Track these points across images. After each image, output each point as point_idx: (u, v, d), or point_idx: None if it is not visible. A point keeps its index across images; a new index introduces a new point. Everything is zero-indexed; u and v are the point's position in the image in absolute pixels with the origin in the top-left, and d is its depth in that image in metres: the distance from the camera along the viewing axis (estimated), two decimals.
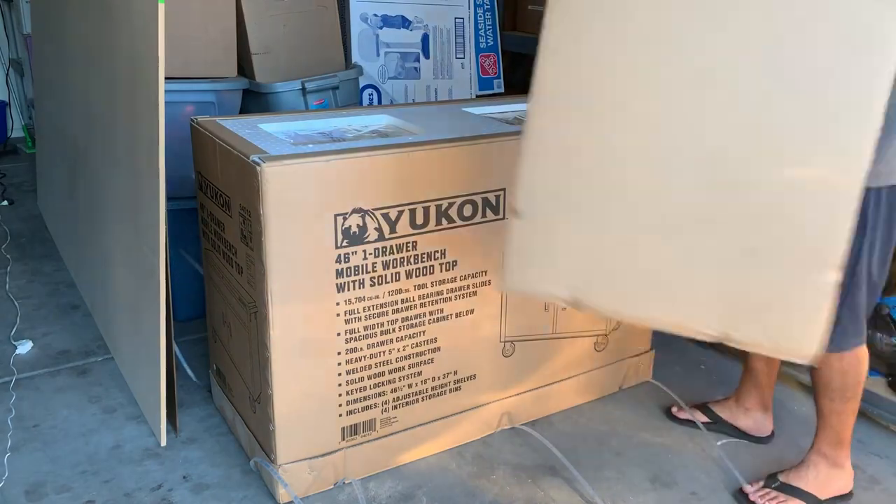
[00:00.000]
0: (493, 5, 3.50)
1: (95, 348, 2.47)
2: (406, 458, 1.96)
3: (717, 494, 1.90)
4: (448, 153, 1.79)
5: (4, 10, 4.62)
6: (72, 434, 2.04)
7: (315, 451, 1.82)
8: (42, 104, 3.48)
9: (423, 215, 1.78)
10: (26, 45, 4.05)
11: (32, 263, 3.10)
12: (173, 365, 1.95)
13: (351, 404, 1.83)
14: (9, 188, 3.99)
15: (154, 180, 1.80)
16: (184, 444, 2.02)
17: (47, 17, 3.07)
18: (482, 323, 1.96)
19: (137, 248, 2.01)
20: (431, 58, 3.31)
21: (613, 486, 1.91)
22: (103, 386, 2.27)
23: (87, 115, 2.47)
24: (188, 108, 2.45)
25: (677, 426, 2.16)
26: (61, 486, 1.85)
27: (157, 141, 1.76)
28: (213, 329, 2.12)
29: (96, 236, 2.48)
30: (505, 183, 1.87)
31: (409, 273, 1.80)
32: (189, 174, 2.07)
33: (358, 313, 1.76)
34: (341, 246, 1.70)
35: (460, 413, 2.01)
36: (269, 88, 2.54)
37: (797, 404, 2.29)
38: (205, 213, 2.00)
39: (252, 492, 1.85)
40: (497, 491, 1.89)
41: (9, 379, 2.28)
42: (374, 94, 3.19)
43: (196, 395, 2.24)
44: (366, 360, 1.81)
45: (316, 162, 1.63)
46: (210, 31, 2.50)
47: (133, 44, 1.91)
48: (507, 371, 2.06)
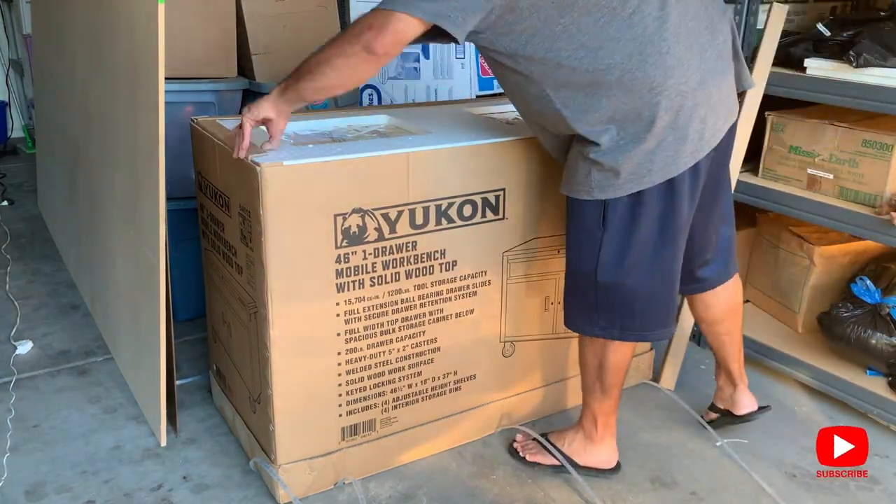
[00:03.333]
0: None
1: (95, 348, 2.47)
2: (406, 458, 1.96)
3: (717, 494, 1.90)
4: (448, 153, 1.79)
5: (4, 10, 4.62)
6: (72, 434, 2.04)
7: (315, 451, 1.82)
8: (42, 104, 3.48)
9: (422, 215, 1.78)
10: (26, 45, 4.06)
11: (32, 263, 3.10)
12: (173, 365, 1.95)
13: (351, 404, 1.83)
14: (9, 188, 4.00)
15: (154, 180, 1.80)
16: (184, 444, 2.02)
17: (47, 18, 3.07)
18: (482, 323, 1.96)
19: (137, 248, 2.01)
20: (431, 58, 3.31)
21: (613, 486, 1.91)
22: (103, 386, 2.27)
23: (87, 116, 2.47)
24: (188, 108, 2.45)
25: (677, 426, 2.16)
26: (61, 486, 1.85)
27: (157, 141, 1.76)
28: (213, 329, 2.12)
29: (96, 236, 2.48)
30: (505, 183, 1.87)
31: (409, 273, 1.80)
32: (189, 174, 2.07)
33: (358, 313, 1.76)
34: (341, 246, 1.70)
35: (460, 413, 2.01)
36: (269, 88, 2.53)
37: (798, 405, 2.28)
38: (205, 213, 2.00)
39: (252, 492, 1.85)
40: (497, 491, 1.89)
41: (9, 379, 2.28)
42: (373, 95, 3.18)
43: (196, 395, 2.24)
44: (366, 360, 1.81)
45: (316, 162, 1.63)
46: (210, 31, 2.50)
47: (133, 44, 1.91)
48: (507, 371, 2.06)
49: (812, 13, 2.68)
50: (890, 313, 2.17)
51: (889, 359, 2.18)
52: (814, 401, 2.30)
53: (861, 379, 2.21)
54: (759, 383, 2.36)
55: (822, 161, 2.23)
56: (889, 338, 2.17)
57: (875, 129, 2.12)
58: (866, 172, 2.14)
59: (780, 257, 2.52)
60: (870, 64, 2.03)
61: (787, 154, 2.32)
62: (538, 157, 1.90)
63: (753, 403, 2.08)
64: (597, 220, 1.64)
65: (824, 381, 2.26)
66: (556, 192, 1.96)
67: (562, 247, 1.91)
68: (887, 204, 2.07)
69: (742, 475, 1.95)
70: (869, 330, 2.19)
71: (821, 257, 2.39)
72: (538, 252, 1.99)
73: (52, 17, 2.97)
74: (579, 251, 1.72)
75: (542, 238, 1.98)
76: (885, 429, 2.17)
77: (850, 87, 2.07)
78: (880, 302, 2.18)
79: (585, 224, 1.68)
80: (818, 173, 2.25)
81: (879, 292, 2.20)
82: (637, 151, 1.54)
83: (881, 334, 2.17)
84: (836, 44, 2.18)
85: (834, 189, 2.22)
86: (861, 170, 2.15)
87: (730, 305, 2.00)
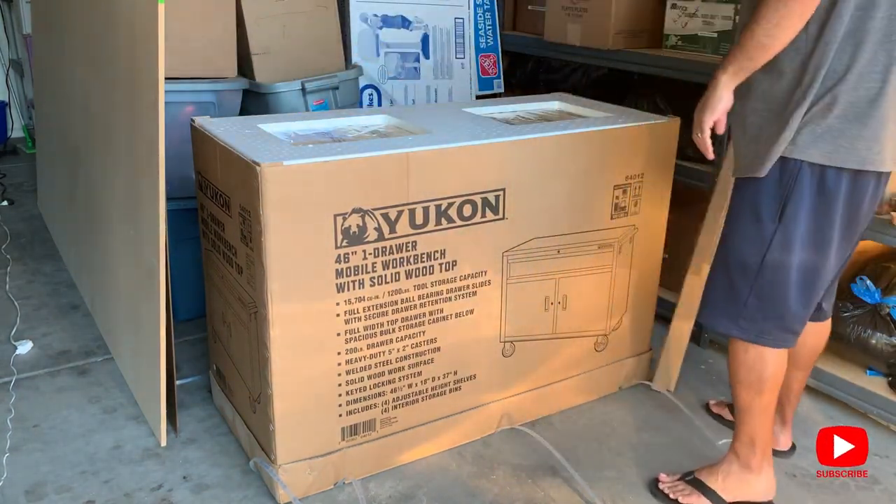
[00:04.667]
0: (492, 5, 3.49)
1: (95, 348, 2.47)
2: (406, 458, 1.96)
3: None
4: (448, 153, 1.79)
5: (4, 10, 4.62)
6: (72, 434, 2.04)
7: (315, 451, 1.82)
8: (42, 104, 3.48)
9: (422, 215, 1.78)
10: (26, 45, 4.06)
11: (32, 263, 3.10)
12: (173, 365, 1.95)
13: (351, 404, 1.83)
14: (9, 188, 4.00)
15: (154, 180, 1.81)
16: (184, 444, 2.02)
17: (47, 18, 3.07)
18: (482, 323, 1.96)
19: (137, 247, 2.01)
20: (431, 58, 3.31)
21: (613, 486, 1.91)
22: (103, 386, 2.27)
23: (87, 116, 2.47)
24: (188, 108, 2.45)
25: (677, 426, 2.16)
26: (61, 486, 1.85)
27: (157, 141, 1.76)
28: (213, 329, 2.12)
29: (96, 236, 2.48)
30: (505, 183, 1.87)
31: (409, 273, 1.80)
32: (189, 174, 2.07)
33: (358, 313, 1.76)
34: (341, 246, 1.70)
35: (460, 413, 2.01)
36: (269, 89, 2.54)
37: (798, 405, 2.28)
38: (205, 213, 2.00)
39: (252, 492, 1.85)
40: (497, 491, 1.89)
41: (9, 379, 2.28)
42: (374, 95, 3.18)
43: (196, 395, 2.24)
44: (366, 360, 1.81)
45: (316, 162, 1.63)
46: (210, 31, 2.50)
47: (133, 44, 1.91)
48: (507, 371, 2.06)
49: None
50: (890, 313, 2.17)
51: (889, 359, 2.18)
52: (814, 401, 2.30)
53: (861, 379, 2.21)
54: None
55: None
56: (889, 338, 2.17)
57: None
58: None
59: None
60: None
61: None
62: (538, 157, 1.90)
63: (789, 442, 2.05)
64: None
65: (824, 381, 2.26)
66: (556, 192, 1.96)
67: (561, 246, 1.91)
68: (887, 204, 2.07)
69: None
70: (869, 330, 2.19)
71: None
72: (538, 252, 1.99)
73: (51, 17, 2.97)
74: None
75: (542, 238, 1.98)
76: (885, 429, 2.17)
77: None
78: (880, 302, 2.18)
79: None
80: None
81: (879, 292, 2.20)
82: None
83: (881, 334, 2.17)
84: None
85: None
86: None
87: (820, 340, 1.92)
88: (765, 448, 1.76)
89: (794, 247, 1.59)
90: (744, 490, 1.78)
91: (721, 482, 1.80)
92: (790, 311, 1.65)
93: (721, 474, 1.80)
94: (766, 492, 1.80)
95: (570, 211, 2.00)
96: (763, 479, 1.78)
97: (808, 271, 1.62)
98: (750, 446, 1.76)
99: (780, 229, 1.58)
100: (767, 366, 1.69)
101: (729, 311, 1.69)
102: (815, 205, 1.56)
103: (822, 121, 1.51)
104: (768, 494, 1.80)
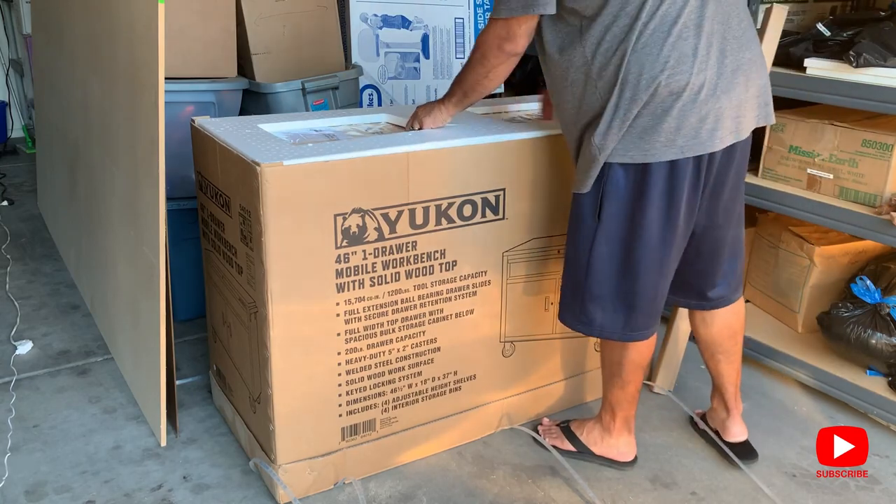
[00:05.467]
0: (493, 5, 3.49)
1: (95, 348, 2.47)
2: (406, 458, 1.96)
3: (717, 494, 1.90)
4: (448, 153, 1.79)
5: (4, 10, 4.62)
6: (72, 434, 2.04)
7: (315, 451, 1.82)
8: (42, 104, 3.48)
9: (422, 215, 1.78)
10: (26, 45, 4.06)
11: (32, 263, 3.10)
12: (173, 365, 1.95)
13: (351, 404, 1.83)
14: (9, 188, 4.00)
15: (154, 180, 1.81)
16: (184, 444, 2.02)
17: (47, 18, 3.07)
18: (482, 323, 1.96)
19: (137, 248, 2.01)
20: (431, 58, 3.31)
21: (613, 486, 1.91)
22: (103, 386, 2.27)
23: (87, 116, 2.47)
24: (188, 108, 2.45)
25: (677, 426, 2.16)
26: (61, 486, 1.85)
27: (157, 141, 1.76)
28: (213, 329, 2.12)
29: (96, 236, 2.48)
30: (505, 183, 1.87)
31: (409, 273, 1.80)
32: (189, 174, 2.07)
33: (358, 313, 1.76)
34: (341, 246, 1.70)
35: (460, 413, 2.01)
36: (269, 88, 2.54)
37: (798, 405, 2.29)
38: (205, 213, 2.00)
39: (252, 492, 1.85)
40: (497, 491, 1.89)
41: (9, 379, 2.28)
42: (374, 95, 3.19)
43: (196, 395, 2.24)
44: (366, 360, 1.81)
45: (315, 162, 1.63)
46: (210, 31, 2.50)
47: (133, 44, 1.91)
48: (507, 371, 2.06)
49: (812, 13, 2.68)
50: (890, 313, 2.17)
51: (889, 359, 2.18)
52: (814, 401, 2.30)
53: (861, 379, 2.21)
54: (760, 383, 2.37)
55: (822, 161, 2.24)
56: (889, 338, 2.17)
57: (875, 129, 2.12)
58: (866, 172, 2.14)
59: (780, 257, 2.53)
60: (870, 64, 2.03)
61: (787, 154, 2.32)
62: (538, 157, 1.90)
63: (743, 432, 2.02)
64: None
65: (824, 381, 2.26)
66: (556, 192, 1.96)
67: (561, 246, 1.91)
68: (887, 204, 2.07)
69: (742, 475, 1.95)
70: (869, 330, 2.19)
71: (821, 257, 2.39)
72: (538, 252, 1.99)
73: (51, 17, 2.97)
74: None
75: (542, 238, 1.98)
76: (885, 429, 2.17)
77: (850, 87, 2.07)
78: (880, 302, 2.18)
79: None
80: (818, 173, 2.25)
81: (879, 292, 2.20)
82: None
83: (881, 334, 2.17)
84: (836, 44, 2.18)
85: (834, 189, 2.22)
86: (861, 170, 2.15)
87: (729, 327, 1.96)
88: (625, 418, 1.95)
89: (615, 240, 1.70)
90: (602, 448, 1.97)
91: (585, 435, 1.99)
92: (629, 305, 1.76)
93: (587, 430, 2.00)
94: (625, 453, 1.97)
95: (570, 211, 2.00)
96: (621, 441, 1.96)
97: (634, 263, 1.72)
98: (610, 413, 1.95)
99: (600, 227, 1.70)
100: (617, 354, 1.86)
101: (573, 309, 1.82)
102: (630, 199, 1.66)
103: (612, 132, 1.61)
104: (627, 456, 1.97)
